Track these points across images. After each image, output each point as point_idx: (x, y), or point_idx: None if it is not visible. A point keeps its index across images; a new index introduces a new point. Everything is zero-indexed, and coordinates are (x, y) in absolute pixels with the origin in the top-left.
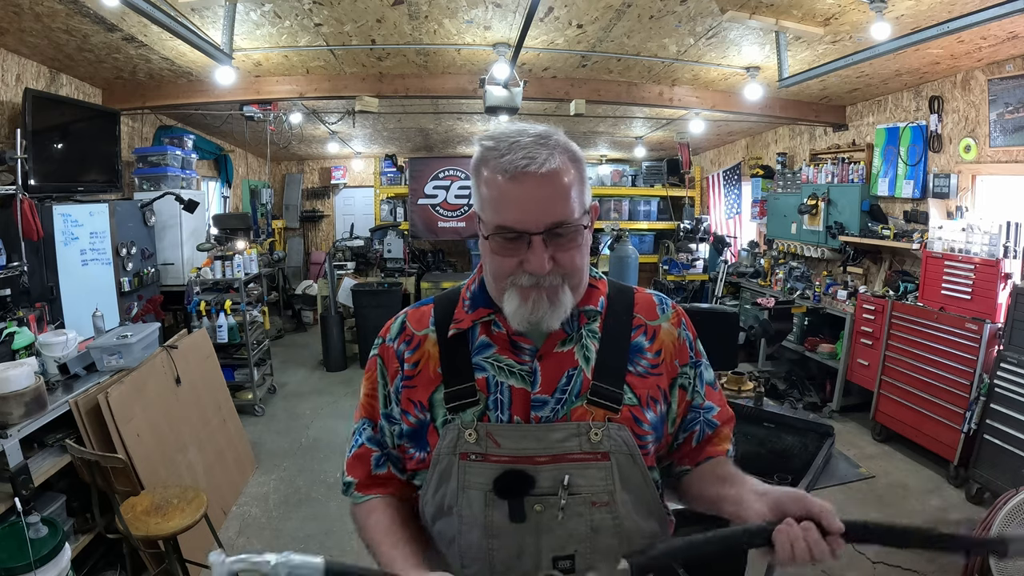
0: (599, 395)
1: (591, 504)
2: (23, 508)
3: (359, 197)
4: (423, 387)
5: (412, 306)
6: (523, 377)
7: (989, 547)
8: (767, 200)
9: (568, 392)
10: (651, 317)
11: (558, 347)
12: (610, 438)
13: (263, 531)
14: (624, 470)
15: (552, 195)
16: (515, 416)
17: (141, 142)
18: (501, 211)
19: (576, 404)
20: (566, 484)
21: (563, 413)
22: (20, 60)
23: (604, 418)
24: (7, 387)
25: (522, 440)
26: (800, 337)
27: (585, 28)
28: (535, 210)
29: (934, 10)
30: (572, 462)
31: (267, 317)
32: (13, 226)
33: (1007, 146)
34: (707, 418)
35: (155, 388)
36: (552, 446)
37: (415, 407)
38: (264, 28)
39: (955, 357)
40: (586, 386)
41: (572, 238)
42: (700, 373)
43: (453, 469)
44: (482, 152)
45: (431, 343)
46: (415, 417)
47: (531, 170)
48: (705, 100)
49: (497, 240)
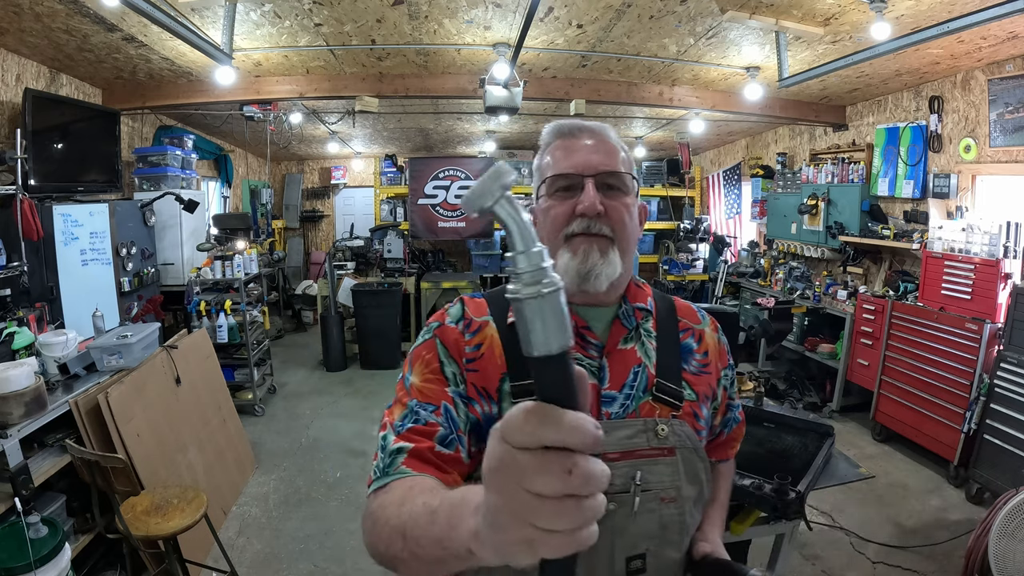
0: (664, 392)
1: (660, 500)
2: (23, 508)
3: (359, 197)
4: (489, 373)
5: (465, 295)
6: (593, 372)
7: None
8: (767, 200)
9: (635, 388)
10: (695, 321)
11: (621, 344)
12: (675, 434)
13: (263, 531)
14: (688, 464)
15: (603, 148)
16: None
17: (141, 142)
18: (556, 164)
19: (643, 400)
20: (638, 480)
21: (632, 409)
22: (20, 60)
23: (668, 414)
24: (7, 387)
25: None
26: (800, 337)
27: (585, 28)
28: (587, 156)
29: (934, 10)
30: (641, 458)
31: (267, 317)
32: (13, 226)
33: (1007, 146)
34: (735, 415)
35: (155, 388)
36: (623, 443)
37: (482, 396)
38: (264, 28)
39: (955, 357)
40: (651, 383)
41: (622, 190)
42: (735, 375)
43: None
44: (542, 139)
45: (492, 329)
46: (482, 408)
47: (584, 126)
48: (705, 100)
49: (552, 192)
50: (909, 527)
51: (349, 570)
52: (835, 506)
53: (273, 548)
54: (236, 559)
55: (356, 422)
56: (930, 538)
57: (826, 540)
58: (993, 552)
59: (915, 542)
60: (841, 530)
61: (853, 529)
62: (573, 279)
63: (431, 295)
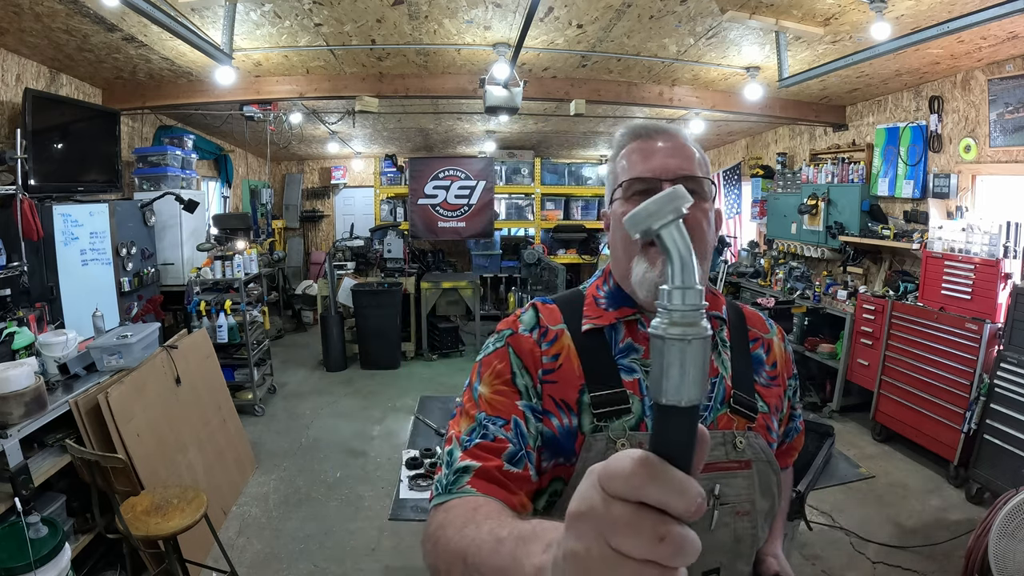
0: (740, 404)
1: (736, 513)
2: (23, 508)
3: (359, 197)
4: (568, 385)
5: (536, 299)
6: None
7: None
8: (767, 200)
9: (713, 400)
10: (764, 331)
11: None
12: (751, 446)
13: (263, 531)
14: (763, 477)
15: (681, 151)
16: None
17: (141, 142)
18: (633, 167)
19: (721, 412)
20: (717, 494)
21: (710, 420)
22: (20, 60)
23: (744, 426)
24: (7, 387)
25: None
26: (800, 337)
27: (585, 28)
28: (665, 160)
29: (934, 10)
30: (721, 471)
31: (267, 317)
32: (13, 226)
33: (1007, 146)
34: (797, 424)
35: (155, 388)
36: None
37: (560, 408)
38: (264, 28)
39: (955, 357)
40: (728, 395)
41: (701, 195)
42: (798, 384)
43: None
44: (617, 141)
45: (568, 338)
46: (560, 421)
47: (660, 128)
48: (705, 100)
49: (629, 196)
50: (909, 527)
51: (349, 570)
52: (835, 506)
53: (273, 548)
54: (236, 559)
55: (356, 422)
56: (930, 538)
57: (826, 540)
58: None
59: (915, 542)
60: (841, 530)
61: (853, 529)
62: (650, 291)
63: (431, 295)
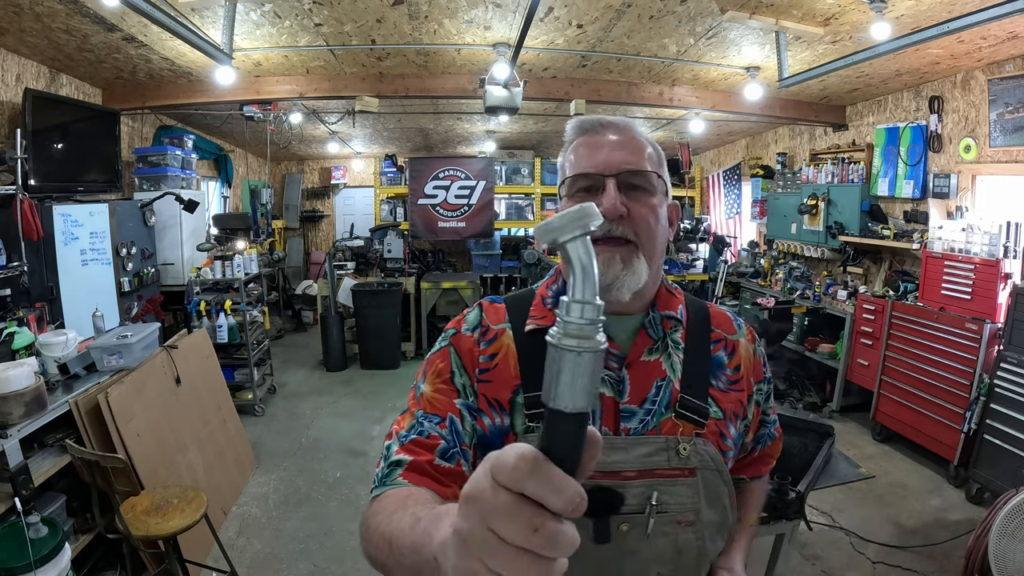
0: (688, 408)
1: (676, 523)
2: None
3: (359, 197)
4: (502, 385)
5: (485, 298)
6: (612, 385)
7: None
8: (767, 200)
9: (657, 404)
10: (729, 332)
11: (645, 355)
12: (698, 453)
13: (263, 531)
14: (710, 487)
15: (627, 144)
16: (603, 427)
17: (141, 142)
18: (578, 163)
19: (665, 416)
20: (654, 502)
21: (652, 425)
22: (20, 60)
23: (692, 432)
24: (7, 387)
25: (612, 453)
26: (800, 337)
27: (585, 28)
28: (609, 154)
29: (934, 10)
30: (660, 478)
31: (267, 317)
32: (13, 226)
33: (1007, 146)
34: (771, 431)
35: (155, 388)
36: (641, 460)
37: (492, 408)
38: (264, 28)
39: (955, 357)
40: (675, 398)
41: (647, 191)
42: (771, 389)
43: None
44: (566, 135)
45: (508, 338)
46: (491, 420)
47: (608, 122)
48: (705, 100)
49: (573, 193)
50: (909, 527)
51: (349, 570)
52: (835, 506)
53: (273, 548)
54: (236, 559)
55: (356, 422)
56: (930, 538)
57: (826, 540)
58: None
59: (915, 542)
60: (841, 530)
61: (853, 529)
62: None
63: (431, 295)
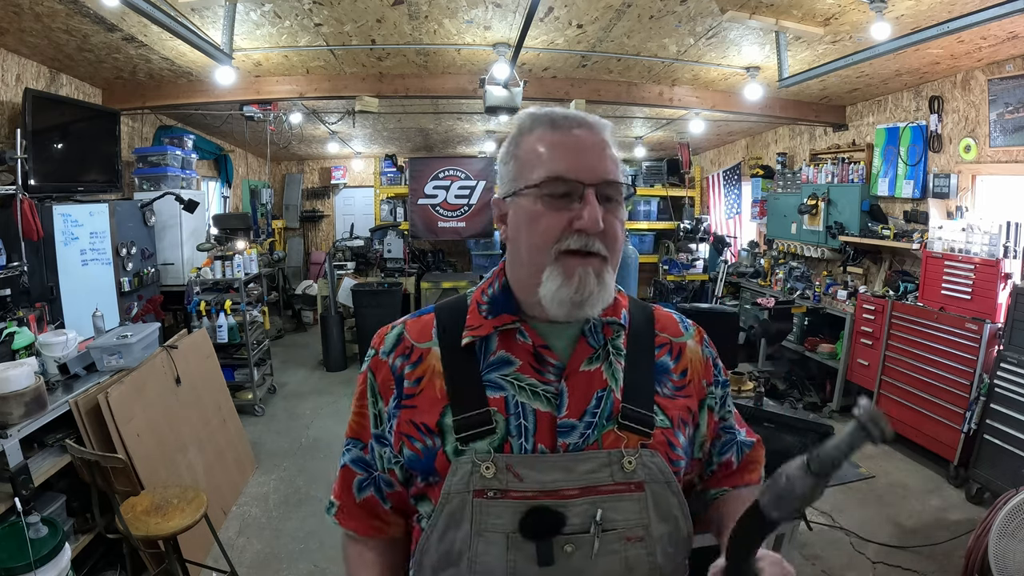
0: (631, 419)
1: (625, 539)
2: (23, 508)
3: (359, 197)
4: (428, 408)
5: (411, 315)
6: (548, 399)
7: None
8: (767, 200)
9: (598, 416)
10: (675, 334)
11: (584, 365)
12: (644, 466)
13: (263, 531)
14: (660, 500)
15: (605, 149)
16: (539, 444)
17: (141, 142)
18: (552, 161)
19: (607, 429)
20: (599, 519)
21: (593, 439)
22: (20, 60)
23: (637, 444)
24: (7, 387)
25: (550, 471)
26: (800, 337)
27: (585, 28)
28: (592, 161)
29: (934, 10)
30: (604, 494)
31: (267, 317)
32: (13, 226)
33: (1007, 146)
34: (741, 439)
35: (155, 388)
36: (583, 477)
37: (419, 431)
38: (264, 28)
39: (955, 357)
40: (616, 409)
41: (618, 202)
42: (726, 392)
43: (466, 510)
44: (521, 123)
45: (435, 358)
46: (421, 443)
47: (582, 119)
48: (705, 100)
49: (544, 197)
50: (909, 527)
51: None
52: (835, 506)
53: (273, 548)
54: (236, 559)
55: None
56: (930, 538)
57: (826, 540)
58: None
59: (915, 542)
60: (841, 530)
61: (853, 529)
62: (562, 306)
63: (431, 295)
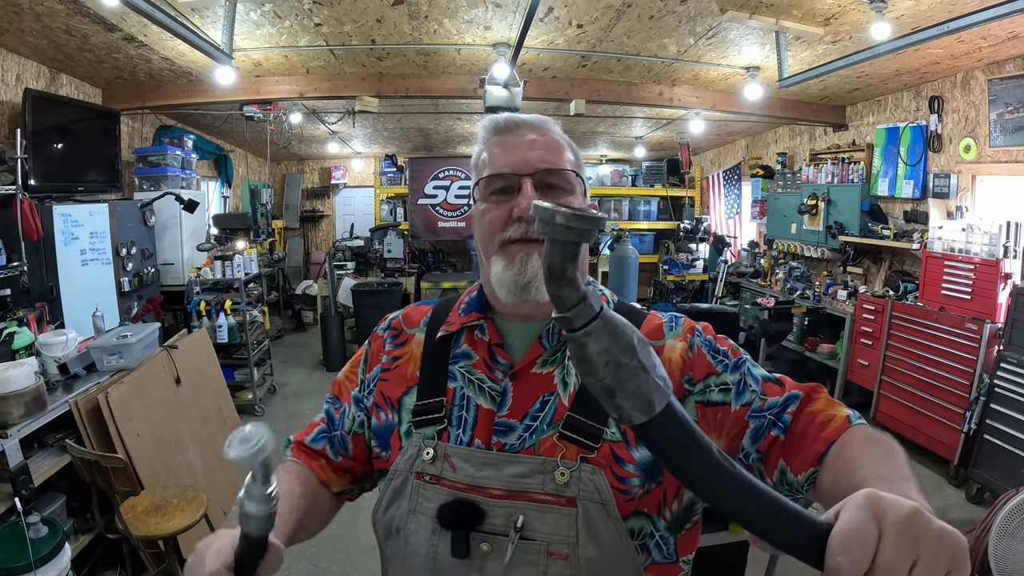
0: (573, 429)
1: (547, 554)
2: (23, 508)
3: (359, 197)
4: (396, 384)
5: (415, 304)
6: (492, 396)
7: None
8: (767, 200)
9: (539, 420)
10: (656, 337)
11: (537, 367)
12: (580, 482)
13: None
14: (593, 521)
15: (544, 142)
16: (476, 439)
17: (141, 142)
18: (492, 163)
19: (545, 435)
20: (519, 526)
21: (530, 443)
22: (20, 60)
23: (576, 456)
24: (7, 387)
25: (480, 467)
26: (800, 337)
27: (585, 28)
28: (525, 153)
29: (934, 10)
30: (531, 502)
31: (267, 317)
32: (13, 226)
33: (1007, 146)
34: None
35: (155, 388)
36: (511, 480)
37: (386, 405)
38: (264, 28)
39: (955, 357)
40: (560, 415)
41: (565, 190)
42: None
43: (407, 488)
44: (481, 134)
45: (416, 343)
46: (385, 416)
47: (522, 120)
48: (705, 100)
49: (487, 196)
50: None
51: (349, 571)
52: None
53: None
54: None
55: None
56: None
57: None
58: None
59: None
60: None
61: None
62: (510, 291)
63: (431, 295)
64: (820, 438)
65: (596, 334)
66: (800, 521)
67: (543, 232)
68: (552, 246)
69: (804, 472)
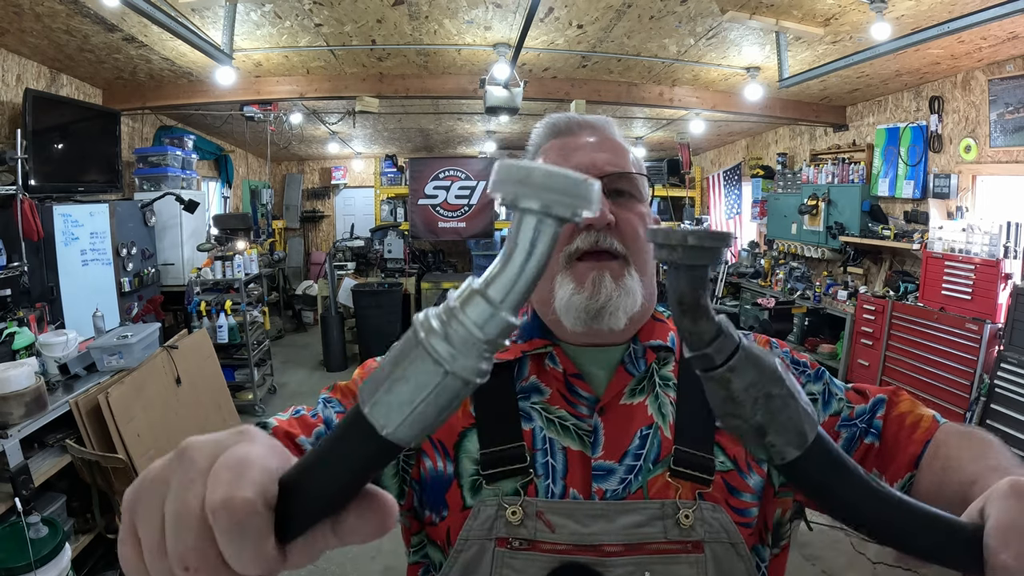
0: (685, 463)
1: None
2: (23, 508)
3: (359, 197)
4: (447, 427)
5: None
6: (580, 437)
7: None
8: (767, 200)
9: (643, 459)
10: None
11: (626, 398)
12: (704, 522)
13: None
14: (722, 565)
15: (612, 146)
16: (570, 488)
17: (141, 142)
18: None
19: (654, 474)
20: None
21: (638, 486)
22: (20, 60)
23: (694, 494)
24: (7, 387)
25: (587, 522)
26: (800, 337)
27: (585, 28)
28: (591, 155)
29: (934, 10)
30: (654, 554)
31: (267, 317)
32: (13, 226)
33: (1007, 146)
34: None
35: (155, 388)
36: (628, 532)
37: (435, 449)
38: (264, 28)
39: (955, 357)
40: (666, 450)
41: (635, 196)
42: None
43: (485, 559)
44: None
45: None
46: (433, 463)
47: (584, 121)
48: (705, 100)
49: None
50: None
51: (349, 571)
52: None
53: None
54: None
55: None
56: None
57: (826, 540)
58: None
59: None
60: (841, 530)
61: None
62: (578, 318)
63: (431, 295)
64: (913, 440)
65: (740, 368)
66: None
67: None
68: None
69: (901, 479)
